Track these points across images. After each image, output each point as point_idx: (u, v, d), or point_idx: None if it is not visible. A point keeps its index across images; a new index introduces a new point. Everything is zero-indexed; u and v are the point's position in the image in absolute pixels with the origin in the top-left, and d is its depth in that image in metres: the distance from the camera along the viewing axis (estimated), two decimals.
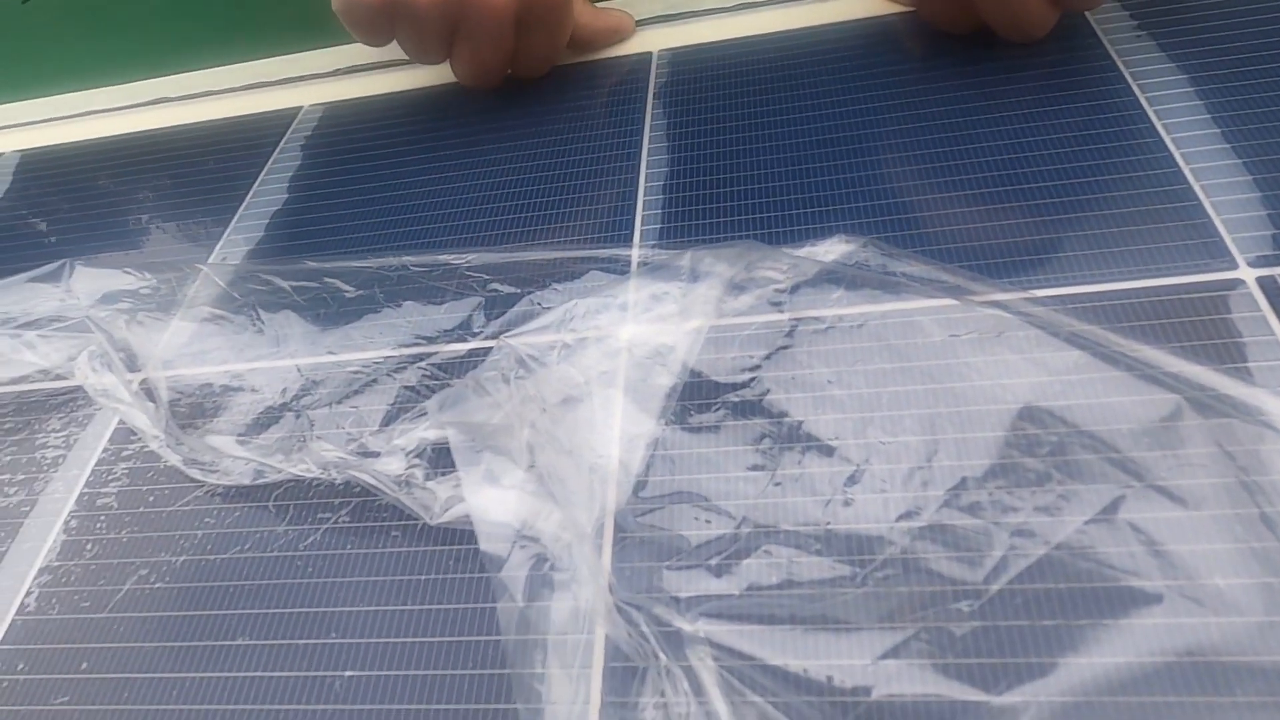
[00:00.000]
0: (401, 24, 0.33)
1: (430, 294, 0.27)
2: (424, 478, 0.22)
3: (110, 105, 0.44)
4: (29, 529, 0.25)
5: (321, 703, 0.20)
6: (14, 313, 0.29)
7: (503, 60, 0.34)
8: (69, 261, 0.30)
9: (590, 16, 0.37)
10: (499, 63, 0.34)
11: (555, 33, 0.34)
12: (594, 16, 0.37)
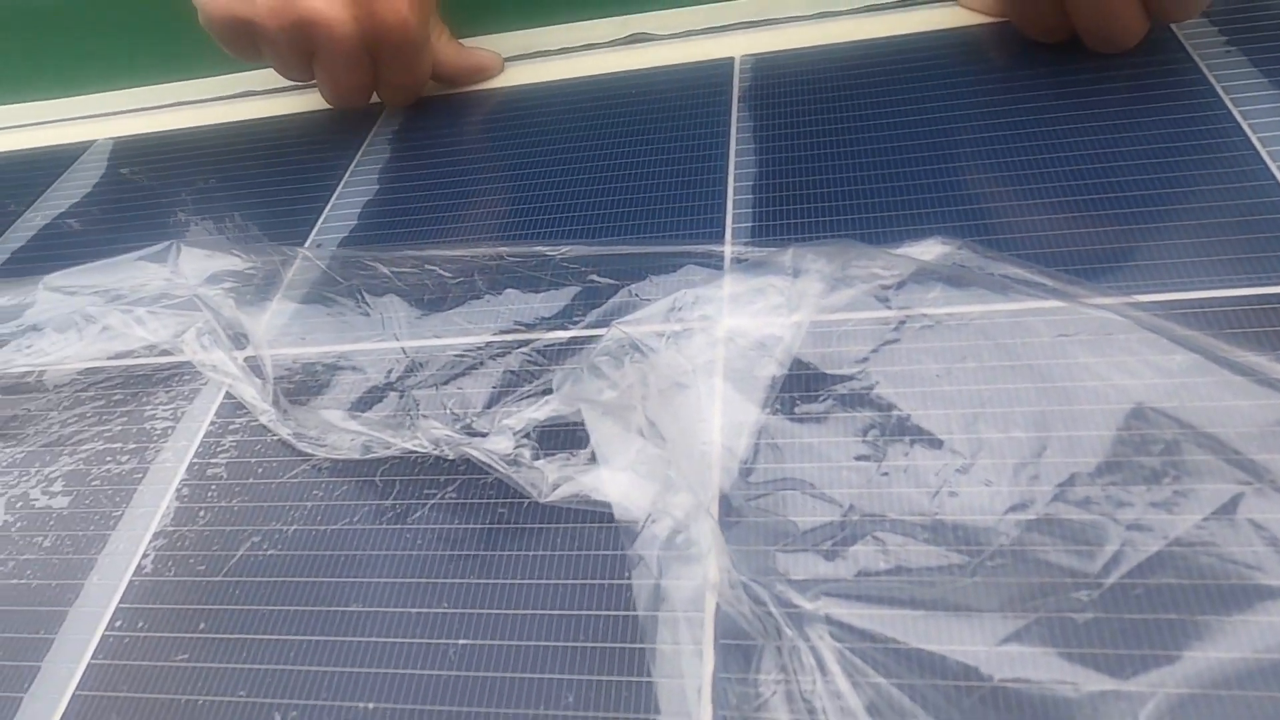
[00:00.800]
0: (261, 45, 0.35)
1: (528, 283, 0.28)
2: (531, 457, 0.23)
3: (199, 97, 0.45)
4: (142, 495, 0.26)
5: (437, 669, 0.20)
6: (123, 290, 0.31)
7: (358, 86, 0.37)
8: (176, 242, 0.31)
9: (454, 54, 0.39)
10: (354, 88, 0.37)
11: (411, 67, 0.37)
12: (458, 55, 0.39)
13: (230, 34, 0.35)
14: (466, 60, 0.39)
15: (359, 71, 0.35)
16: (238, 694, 0.21)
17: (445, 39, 0.39)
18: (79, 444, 0.28)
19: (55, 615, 0.24)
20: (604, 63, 0.40)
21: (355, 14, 0.33)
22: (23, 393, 0.30)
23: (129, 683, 0.22)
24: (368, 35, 0.34)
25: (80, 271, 0.31)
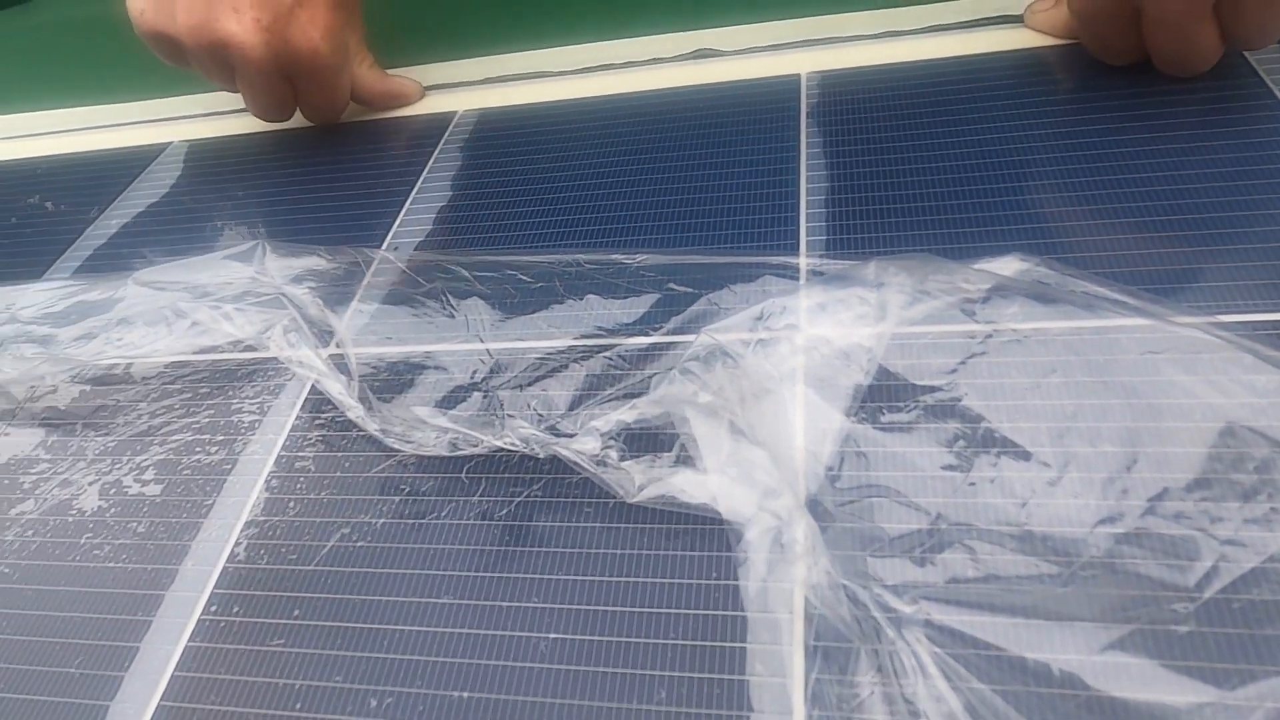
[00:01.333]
0: (188, 60, 0.38)
1: (608, 289, 0.28)
2: (618, 458, 0.23)
3: None
4: (232, 485, 0.27)
5: (528, 661, 0.21)
6: (210, 287, 0.32)
7: (274, 104, 0.39)
8: (261, 242, 0.32)
9: (373, 81, 0.42)
10: (271, 105, 0.40)
11: (326, 91, 0.40)
12: (377, 81, 0.42)
13: (160, 48, 0.38)
14: (384, 87, 0.42)
15: (273, 90, 0.38)
16: (334, 680, 0.22)
17: (367, 66, 0.42)
18: (168, 434, 0.29)
19: (152, 599, 0.24)
20: (670, 77, 0.40)
21: (267, 39, 0.36)
22: (111, 384, 0.31)
23: (226, 665, 0.22)
24: (280, 59, 0.37)
25: (168, 268, 0.32)
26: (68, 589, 0.25)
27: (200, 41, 0.36)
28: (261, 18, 0.35)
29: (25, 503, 0.28)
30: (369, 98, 0.42)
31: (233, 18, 0.35)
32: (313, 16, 0.36)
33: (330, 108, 0.41)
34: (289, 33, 0.36)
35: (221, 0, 0.35)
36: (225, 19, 0.35)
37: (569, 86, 0.42)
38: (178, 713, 0.22)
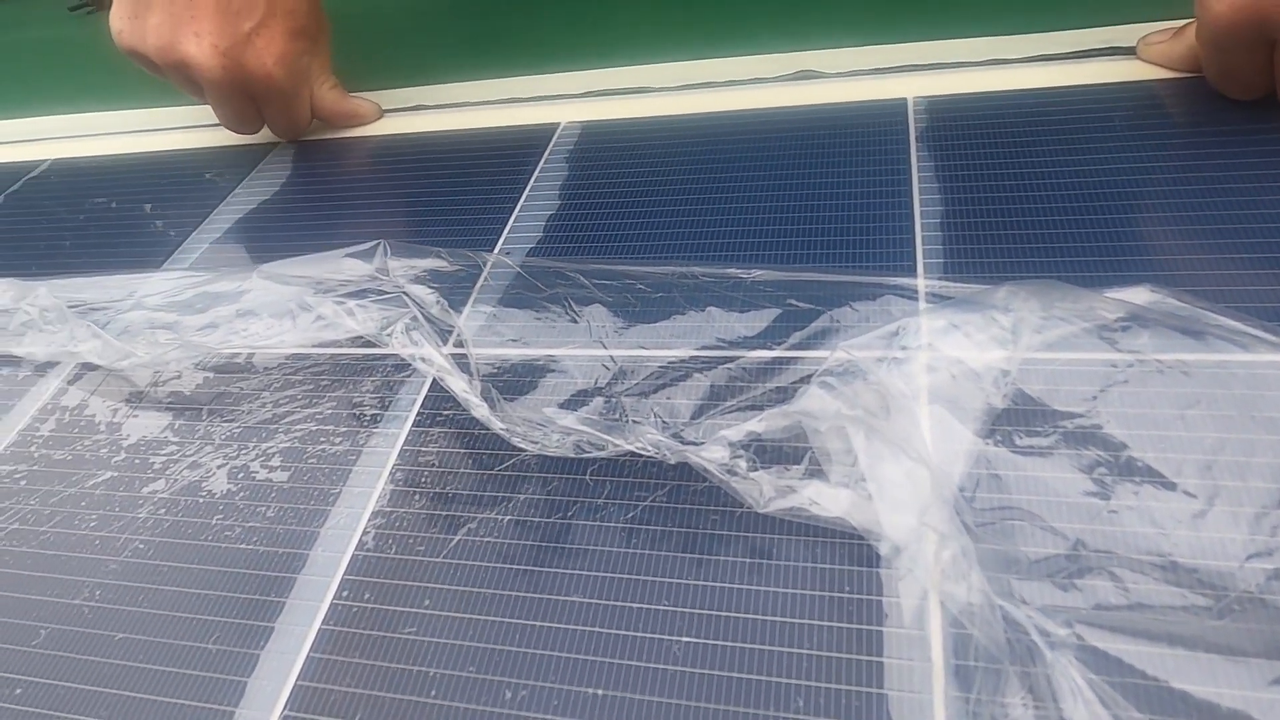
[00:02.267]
0: (160, 72, 0.42)
1: (727, 302, 0.29)
2: (747, 468, 0.23)
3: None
4: (358, 475, 0.28)
5: (661, 663, 0.21)
6: (331, 283, 0.33)
7: (237, 119, 0.43)
8: (383, 242, 0.33)
9: (332, 102, 0.45)
10: (234, 120, 0.43)
11: (284, 111, 0.43)
12: (335, 102, 0.45)
13: (137, 62, 0.42)
14: (343, 107, 0.46)
15: (234, 107, 0.42)
16: (467, 670, 0.22)
17: (328, 87, 0.45)
18: (292, 424, 0.30)
19: (284, 581, 0.25)
20: (771, 97, 0.41)
21: (224, 63, 0.40)
22: (233, 372, 0.33)
23: (360, 649, 0.23)
24: (237, 81, 0.41)
25: (292, 263, 0.34)
26: (201, 567, 0.26)
27: (166, 61, 0.40)
28: (219, 43, 0.39)
29: (156, 482, 0.29)
30: (328, 116, 0.46)
31: (194, 41, 0.39)
32: (268, 44, 0.40)
33: (290, 126, 0.45)
34: (245, 58, 0.40)
35: (185, 25, 0.40)
36: (187, 42, 0.40)
37: (670, 103, 0.42)
38: (314, 693, 0.22)
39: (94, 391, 0.33)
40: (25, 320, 0.36)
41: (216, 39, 0.39)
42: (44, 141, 0.53)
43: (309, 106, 0.44)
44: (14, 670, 0.25)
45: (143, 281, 0.38)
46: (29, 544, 0.28)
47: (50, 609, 0.26)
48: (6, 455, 0.31)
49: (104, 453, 0.31)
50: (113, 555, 0.27)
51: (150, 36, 0.40)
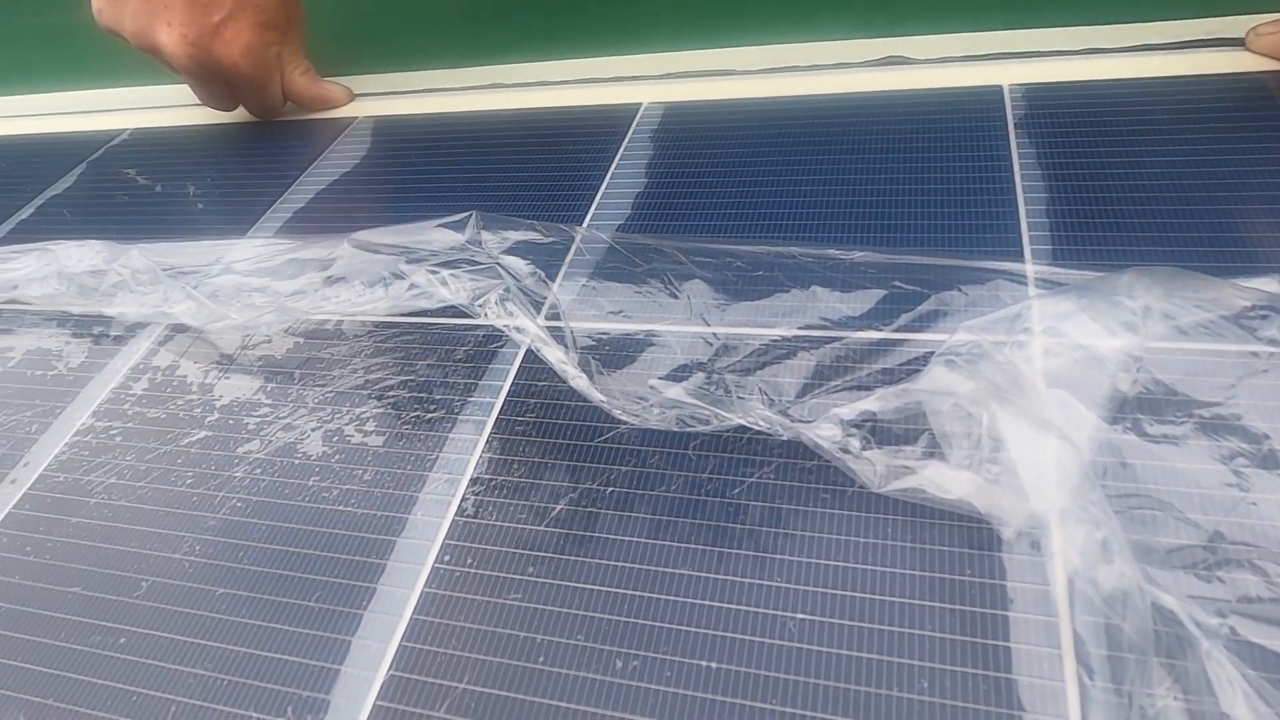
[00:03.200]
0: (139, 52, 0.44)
1: (831, 283, 0.28)
2: (860, 447, 0.23)
3: (451, 85, 0.48)
4: (453, 442, 0.27)
5: (777, 638, 0.21)
6: (422, 252, 0.33)
7: (215, 99, 0.46)
8: (474, 213, 0.33)
9: (304, 87, 0.47)
10: (212, 100, 0.46)
11: (256, 96, 0.46)
12: (307, 86, 0.47)
13: (116, 40, 0.44)
14: (314, 92, 0.48)
15: (206, 89, 0.45)
16: (576, 638, 0.22)
17: (299, 72, 0.47)
18: (385, 390, 0.30)
19: (384, 544, 0.25)
20: (856, 82, 0.40)
21: (192, 52, 0.42)
22: (323, 338, 0.33)
23: (464, 613, 0.23)
24: (206, 68, 0.43)
25: (383, 232, 0.34)
26: (299, 527, 0.26)
27: (141, 45, 0.43)
28: (188, 34, 0.41)
29: (251, 443, 0.29)
30: (300, 100, 0.48)
31: (165, 30, 0.42)
32: (235, 36, 0.42)
33: (262, 108, 0.48)
34: (212, 47, 0.42)
35: (159, 14, 0.42)
36: (159, 30, 0.42)
37: (752, 86, 0.42)
38: (420, 654, 0.22)
39: (184, 353, 0.34)
40: (116, 281, 0.36)
41: (186, 29, 0.41)
42: (124, 111, 0.53)
43: (279, 91, 0.47)
44: (117, 620, 0.25)
45: (228, 248, 0.38)
46: (127, 498, 0.28)
47: (151, 562, 0.26)
48: (101, 412, 0.32)
49: (197, 412, 0.31)
50: (211, 512, 0.27)
51: (127, 21, 0.42)
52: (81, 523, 0.28)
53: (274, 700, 0.22)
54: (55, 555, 0.27)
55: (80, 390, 0.33)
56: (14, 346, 0.36)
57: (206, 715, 0.22)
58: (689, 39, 0.45)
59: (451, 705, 0.21)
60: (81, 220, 0.44)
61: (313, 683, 0.22)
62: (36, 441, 0.31)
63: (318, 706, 0.22)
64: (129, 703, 0.23)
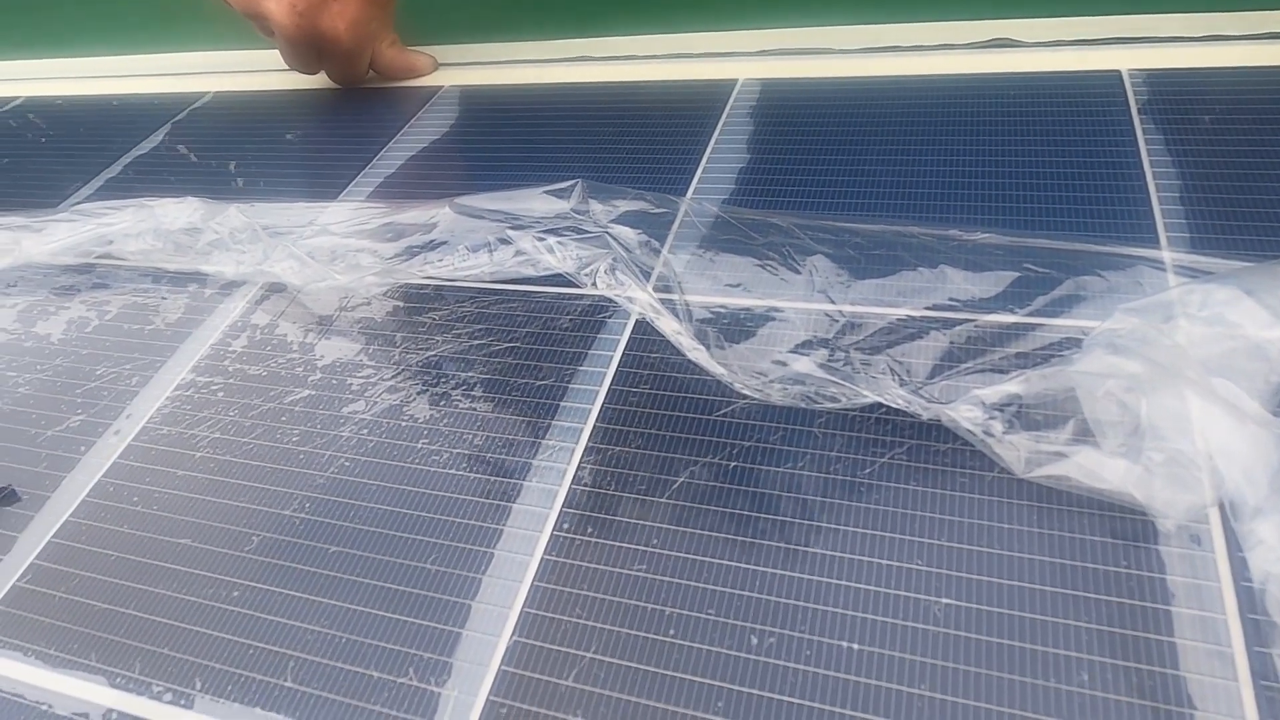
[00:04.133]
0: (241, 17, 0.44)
1: (958, 263, 0.28)
2: (1003, 430, 0.22)
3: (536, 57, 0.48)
4: (565, 411, 0.27)
5: (921, 623, 0.20)
6: (525, 220, 0.32)
7: (304, 66, 0.46)
8: (580, 181, 0.33)
9: (392, 56, 0.48)
10: (301, 67, 0.46)
11: (346, 68, 0.46)
12: (396, 56, 0.48)
13: (221, 6, 0.45)
14: (402, 61, 0.48)
15: (300, 57, 0.45)
16: (706, 612, 0.21)
17: (388, 44, 0.47)
18: (491, 356, 0.29)
19: (499, 509, 0.25)
20: (960, 63, 0.39)
21: (298, 22, 0.42)
22: (423, 302, 0.32)
23: (586, 582, 0.23)
24: (308, 38, 0.43)
25: (486, 198, 0.33)
26: (410, 489, 0.26)
27: (248, 11, 0.44)
28: (298, 4, 0.42)
29: (356, 403, 0.29)
30: (388, 70, 0.48)
31: None
32: (343, 9, 0.42)
33: (347, 78, 0.48)
34: (319, 19, 0.42)
35: None
36: None
37: (852, 65, 0.41)
38: (542, 621, 0.22)
39: (282, 313, 0.33)
40: (212, 239, 0.36)
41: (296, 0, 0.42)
42: (206, 75, 0.53)
43: (368, 63, 0.47)
44: (229, 573, 0.25)
45: (321, 210, 0.38)
46: (233, 453, 0.28)
47: (260, 517, 0.26)
48: (201, 367, 0.32)
49: (299, 371, 0.31)
50: (319, 470, 0.27)
51: None
52: (188, 475, 0.28)
53: (394, 660, 0.22)
54: (163, 507, 0.27)
55: (179, 345, 0.33)
56: (110, 300, 0.36)
57: (325, 671, 0.22)
58: (784, 16, 0.44)
59: (579, 674, 0.21)
60: (167, 179, 0.44)
61: (433, 644, 0.22)
62: (137, 394, 0.31)
63: (439, 669, 0.22)
64: (245, 655, 0.23)
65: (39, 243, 0.39)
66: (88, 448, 0.30)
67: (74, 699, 0.23)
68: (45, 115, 0.53)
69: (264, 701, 0.22)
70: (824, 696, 0.19)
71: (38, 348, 0.34)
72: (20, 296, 0.37)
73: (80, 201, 0.43)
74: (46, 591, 0.26)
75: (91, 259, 0.38)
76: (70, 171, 0.46)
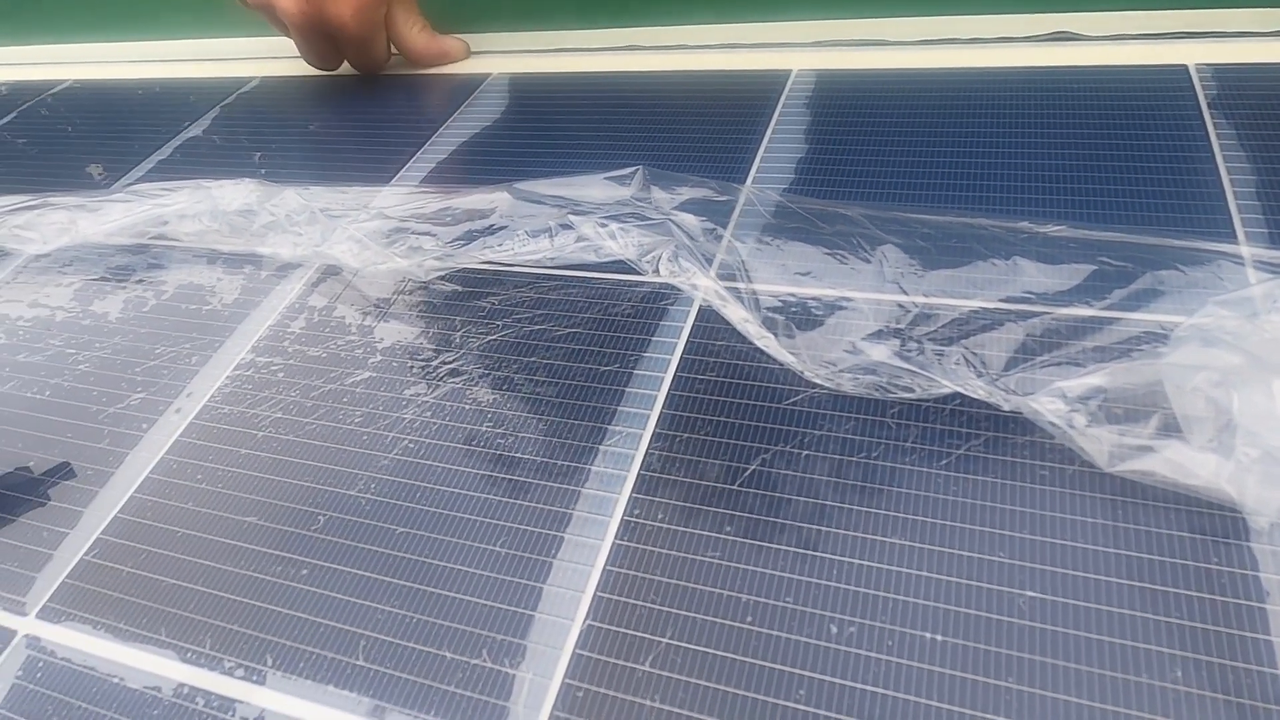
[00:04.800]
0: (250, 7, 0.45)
1: (1033, 256, 0.27)
2: (1087, 423, 0.22)
3: (583, 45, 0.47)
4: (631, 396, 0.27)
5: (1006, 615, 0.20)
6: (585, 205, 0.32)
7: (319, 57, 0.47)
8: (641, 168, 0.33)
9: (423, 43, 0.47)
10: (316, 58, 0.47)
11: (361, 54, 0.47)
12: (427, 43, 0.47)
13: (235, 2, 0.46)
14: (434, 47, 0.48)
15: (312, 47, 0.46)
16: (784, 600, 0.21)
17: (416, 30, 0.47)
18: (553, 341, 0.29)
19: (568, 493, 0.25)
20: (1020, 56, 0.39)
21: (304, 9, 0.43)
22: (482, 286, 0.32)
23: (660, 568, 0.22)
24: (316, 26, 0.44)
25: (544, 183, 0.33)
26: (476, 472, 0.26)
27: (258, 3, 0.44)
28: None
29: (418, 385, 0.29)
30: (418, 57, 0.48)
31: None
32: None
33: (366, 66, 0.48)
34: (324, 7, 0.43)
35: None
36: None
37: (909, 56, 0.40)
38: (616, 605, 0.22)
39: (339, 295, 0.33)
40: (268, 221, 0.36)
41: None
42: (252, 60, 0.54)
43: (385, 49, 0.47)
44: (297, 551, 0.25)
45: (374, 195, 0.38)
46: (295, 433, 0.28)
47: (326, 497, 0.26)
48: (260, 348, 0.32)
49: (359, 353, 0.31)
50: (383, 452, 0.27)
51: None
52: (251, 454, 0.28)
53: (466, 641, 0.22)
54: (227, 484, 0.27)
55: (236, 326, 0.33)
56: (166, 280, 0.36)
57: (397, 651, 0.22)
58: (837, 7, 0.44)
59: (656, 659, 0.21)
60: (216, 162, 0.44)
61: (505, 626, 0.22)
62: (197, 373, 0.31)
63: (513, 651, 0.22)
64: (316, 633, 0.23)
65: (95, 222, 0.39)
66: (149, 425, 0.30)
67: (145, 672, 0.23)
68: (93, 98, 0.54)
69: (336, 679, 0.22)
70: (908, 687, 0.19)
71: (96, 326, 0.35)
72: (76, 275, 0.38)
73: (131, 183, 0.43)
74: (114, 566, 0.26)
75: (146, 239, 0.39)
76: (120, 153, 0.46)
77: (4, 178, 0.47)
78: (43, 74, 0.58)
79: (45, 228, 0.40)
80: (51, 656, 0.24)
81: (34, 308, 0.37)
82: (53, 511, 0.28)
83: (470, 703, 0.21)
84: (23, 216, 0.40)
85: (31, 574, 0.26)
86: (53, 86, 0.56)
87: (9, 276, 0.39)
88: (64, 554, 0.27)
